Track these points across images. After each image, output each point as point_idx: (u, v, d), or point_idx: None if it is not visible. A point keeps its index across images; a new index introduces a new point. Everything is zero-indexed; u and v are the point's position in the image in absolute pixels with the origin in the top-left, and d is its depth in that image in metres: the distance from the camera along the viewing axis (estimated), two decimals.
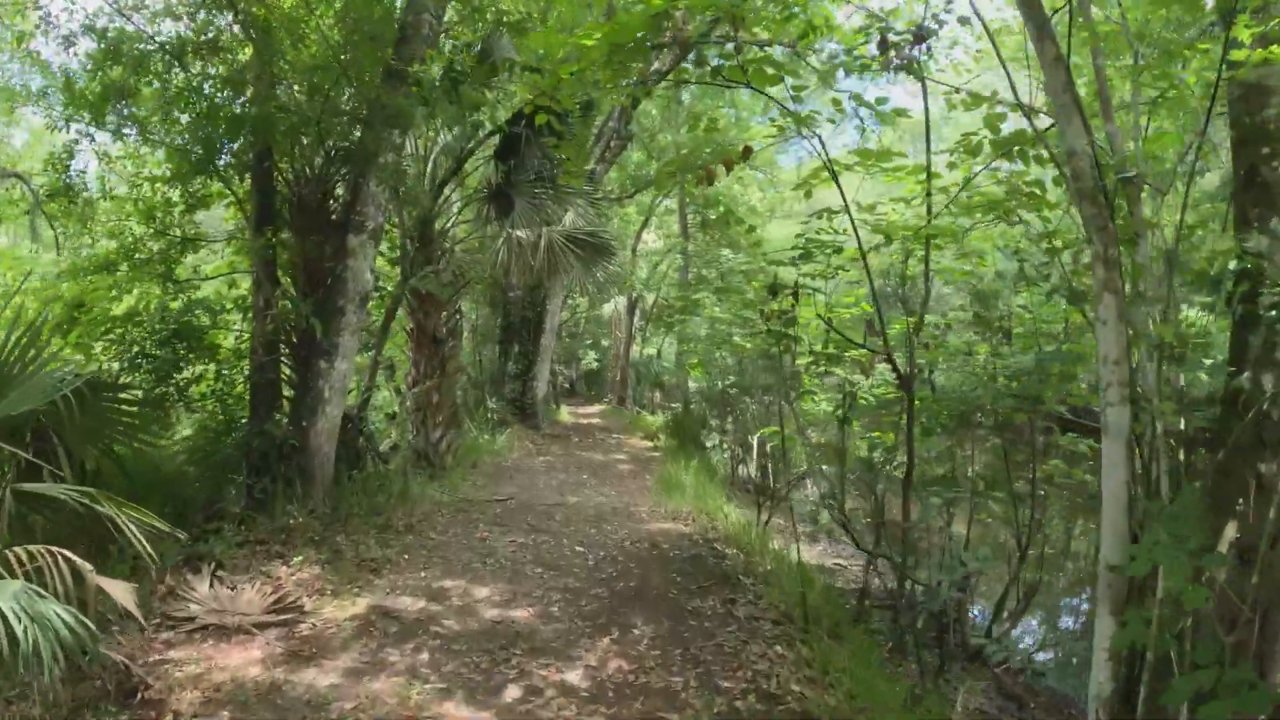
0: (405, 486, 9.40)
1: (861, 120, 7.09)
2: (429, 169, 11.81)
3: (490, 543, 7.90)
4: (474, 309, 19.05)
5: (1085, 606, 9.30)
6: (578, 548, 7.85)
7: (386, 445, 12.30)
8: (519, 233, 12.69)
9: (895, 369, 6.80)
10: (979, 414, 7.64)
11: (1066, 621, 9.66)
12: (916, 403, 6.85)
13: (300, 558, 6.66)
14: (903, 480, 7.11)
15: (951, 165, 6.40)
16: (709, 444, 17.94)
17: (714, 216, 25.28)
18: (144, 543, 4.50)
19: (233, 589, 6.08)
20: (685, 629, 5.89)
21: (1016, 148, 5.41)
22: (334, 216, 8.43)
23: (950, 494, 7.02)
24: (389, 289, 11.90)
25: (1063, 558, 9.65)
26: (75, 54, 7.42)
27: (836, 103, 6.17)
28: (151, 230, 8.56)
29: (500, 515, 9.20)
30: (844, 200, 6.58)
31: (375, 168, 7.80)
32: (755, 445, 14.84)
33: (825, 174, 7.08)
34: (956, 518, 8.01)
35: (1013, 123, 5.70)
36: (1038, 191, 5.76)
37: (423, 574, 6.75)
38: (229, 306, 8.94)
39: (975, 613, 8.32)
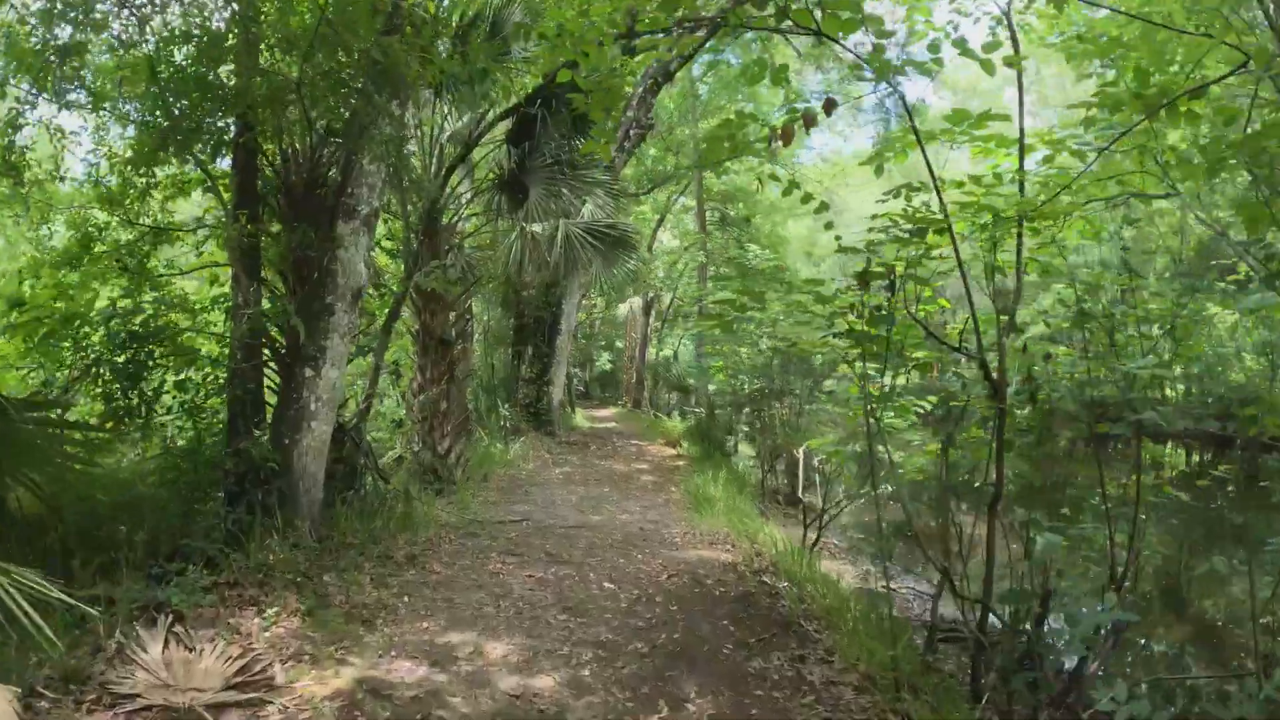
0: (408, 508, 8.19)
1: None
2: (435, 155, 10.63)
3: (504, 578, 6.68)
4: (485, 309, 17.86)
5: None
6: (606, 584, 6.63)
7: (391, 458, 11.13)
8: (534, 227, 11.51)
9: (988, 374, 5.58)
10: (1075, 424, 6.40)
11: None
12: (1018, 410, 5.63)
13: (276, 607, 5.44)
14: (990, 503, 5.89)
15: (1053, 143, 5.19)
16: (735, 450, 16.75)
17: (733, 213, 24.04)
18: (29, 613, 3.29)
19: (191, 650, 4.87)
20: (750, 699, 4.65)
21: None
22: (326, 202, 7.23)
23: (1056, 526, 5.74)
24: (392, 287, 10.71)
25: (1154, 590, 8.35)
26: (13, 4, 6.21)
27: (934, 47, 4.97)
28: (116, 220, 7.38)
29: (515, 540, 7.99)
30: (931, 172, 5.36)
31: (370, 141, 6.59)
32: (793, 456, 13.63)
33: (895, 149, 5.89)
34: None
35: None
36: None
37: (424, 624, 5.52)
38: (206, 306, 7.74)
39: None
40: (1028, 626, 5.76)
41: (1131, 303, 6.20)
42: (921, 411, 7.47)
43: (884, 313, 5.09)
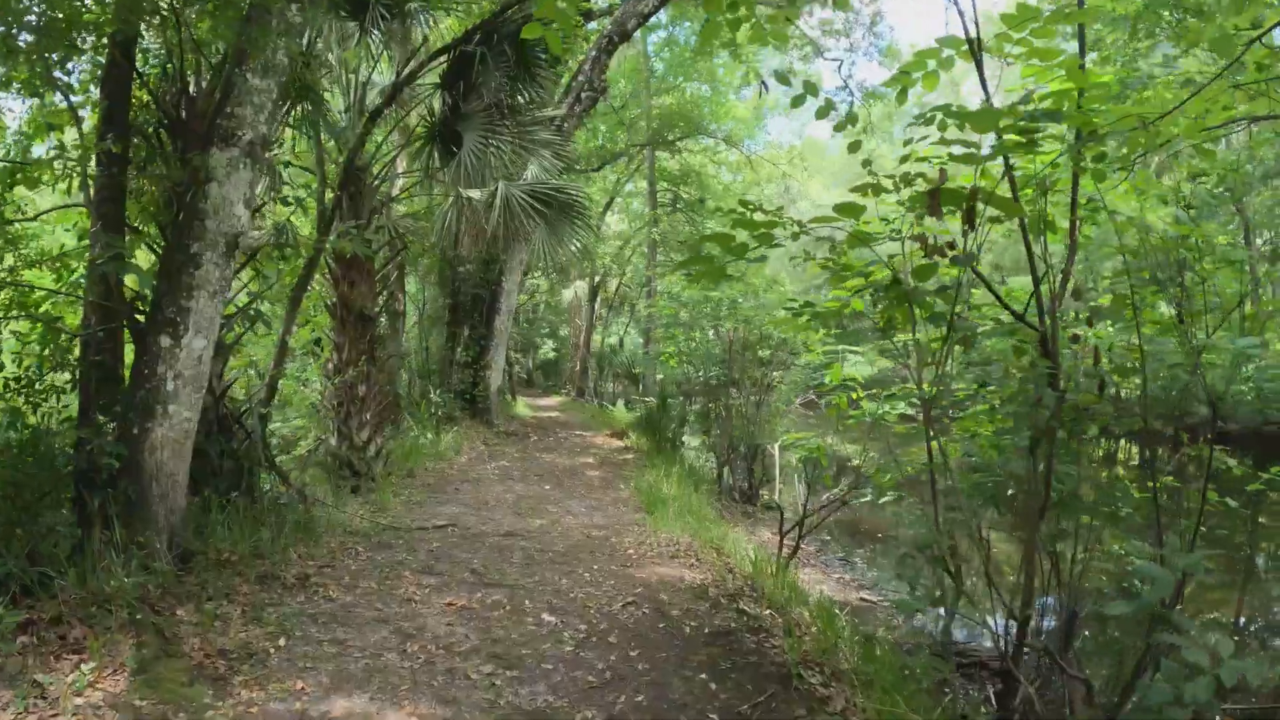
0: (307, 514, 6.66)
1: None
2: (357, 100, 9.04)
3: (418, 607, 5.18)
4: (421, 288, 16.24)
5: None
6: (546, 615, 5.17)
7: (303, 450, 9.54)
8: (471, 192, 9.97)
9: (1048, 351, 4.25)
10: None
11: None
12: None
13: (93, 664, 3.89)
14: (1034, 509, 4.58)
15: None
16: (688, 443, 15.36)
17: (686, 195, 22.64)
18: None
19: None
20: None
21: None
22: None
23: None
24: (304, 251, 9.12)
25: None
26: None
27: None
28: None
29: (437, 553, 6.50)
30: (985, 88, 4.00)
31: (253, 40, 5.04)
32: (753, 451, 12.30)
33: (926, 67, 4.51)
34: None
35: None
36: None
37: (299, 683, 3.99)
38: (54, 259, 6.10)
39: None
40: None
41: (1202, 272, 4.90)
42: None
43: (958, 254, 3.68)
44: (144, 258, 6.45)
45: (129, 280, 5.46)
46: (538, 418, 18.28)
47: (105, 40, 5.67)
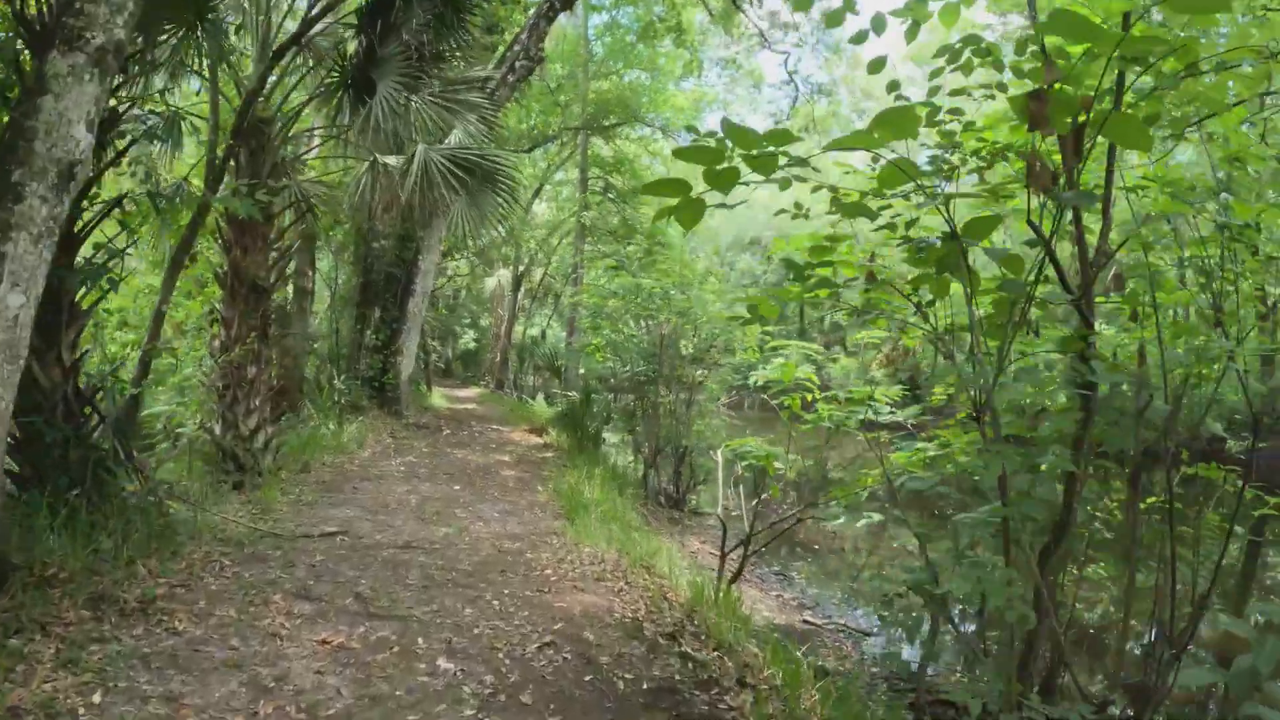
0: (163, 517, 5.50)
1: None
2: (260, 35, 7.83)
3: (282, 648, 4.09)
4: (335, 265, 14.92)
5: None
6: (443, 662, 4.11)
7: (184, 439, 8.28)
8: (388, 159, 8.86)
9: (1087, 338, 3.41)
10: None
11: None
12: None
13: None
14: (1048, 539, 3.75)
15: None
16: (610, 440, 14.39)
17: (620, 185, 21.65)
18: None
19: None
20: None
21: None
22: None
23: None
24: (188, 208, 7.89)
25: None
26: None
27: None
28: None
29: (319, 570, 5.40)
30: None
31: None
32: (680, 452, 11.43)
33: None
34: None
35: None
36: None
37: None
38: None
39: None
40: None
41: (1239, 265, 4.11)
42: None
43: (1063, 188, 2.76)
44: None
45: None
46: (453, 410, 17.09)
47: None
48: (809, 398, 6.17)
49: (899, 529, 8.53)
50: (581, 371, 18.46)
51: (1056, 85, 2.58)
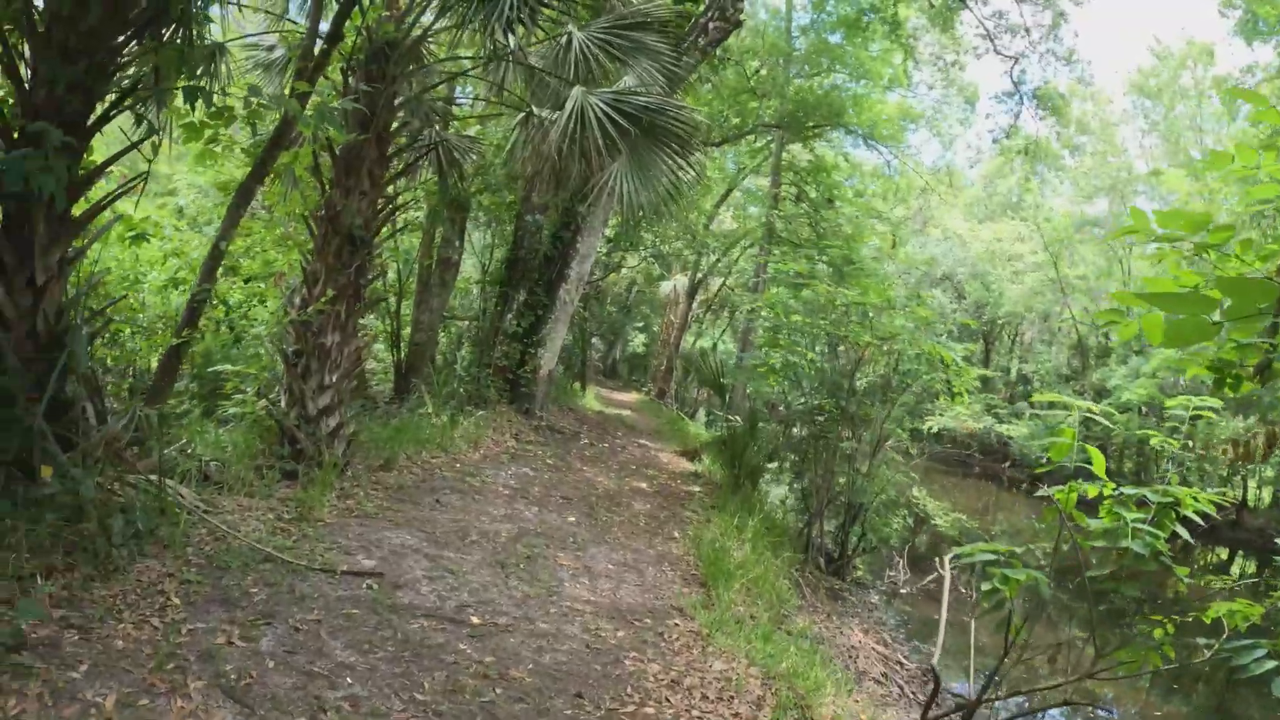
0: (101, 520, 3.70)
1: None
2: None
3: None
4: (490, 240, 13.24)
5: None
6: None
7: (239, 416, 6.65)
8: (543, 112, 7.02)
9: None
10: None
11: None
12: None
13: None
14: None
15: None
16: (771, 479, 12.01)
17: (813, 194, 19.27)
18: None
19: None
20: None
21: None
22: None
23: None
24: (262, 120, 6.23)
25: None
26: None
27: None
28: None
29: (299, 639, 3.44)
30: None
31: None
32: (852, 506, 9.08)
33: None
34: None
35: None
36: None
37: None
38: None
39: None
40: None
41: None
42: None
43: None
44: None
45: None
46: (602, 415, 15.20)
47: None
48: (1089, 491, 3.81)
49: None
50: (749, 392, 16.17)
51: None
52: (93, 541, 3.64)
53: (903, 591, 10.29)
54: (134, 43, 4.41)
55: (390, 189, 6.84)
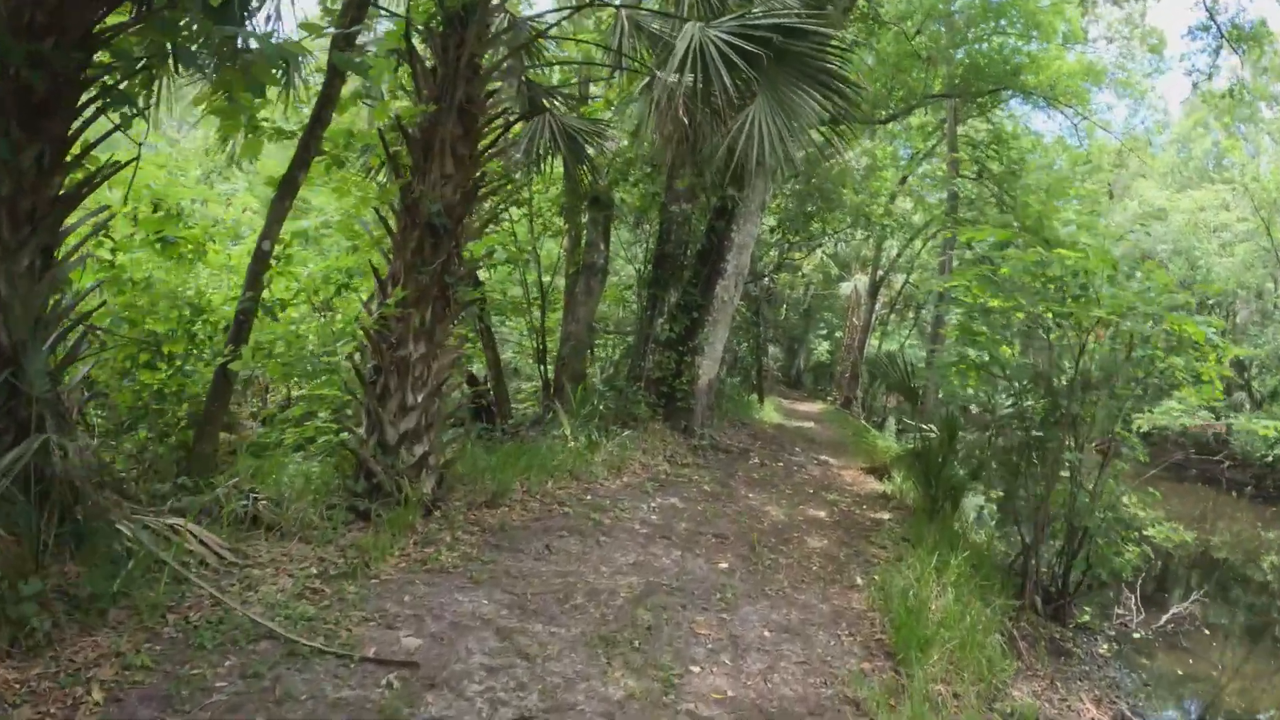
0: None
1: None
2: None
3: None
4: (644, 237, 11.92)
5: None
6: None
7: (322, 443, 5.60)
8: (670, 77, 5.61)
9: None
10: None
11: None
12: None
13: None
14: None
15: None
16: (973, 502, 9.91)
17: (996, 167, 16.91)
18: None
19: None
20: None
21: None
22: None
23: None
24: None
25: None
26: None
27: None
28: None
29: None
30: None
31: None
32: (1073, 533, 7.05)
33: None
34: None
35: None
36: None
37: None
38: None
39: None
40: None
41: None
42: None
43: None
44: None
45: None
46: (779, 428, 13.54)
47: None
48: None
49: None
50: (940, 396, 14.01)
51: None
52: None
53: (1135, 636, 8.03)
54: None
55: (480, 172, 5.57)
